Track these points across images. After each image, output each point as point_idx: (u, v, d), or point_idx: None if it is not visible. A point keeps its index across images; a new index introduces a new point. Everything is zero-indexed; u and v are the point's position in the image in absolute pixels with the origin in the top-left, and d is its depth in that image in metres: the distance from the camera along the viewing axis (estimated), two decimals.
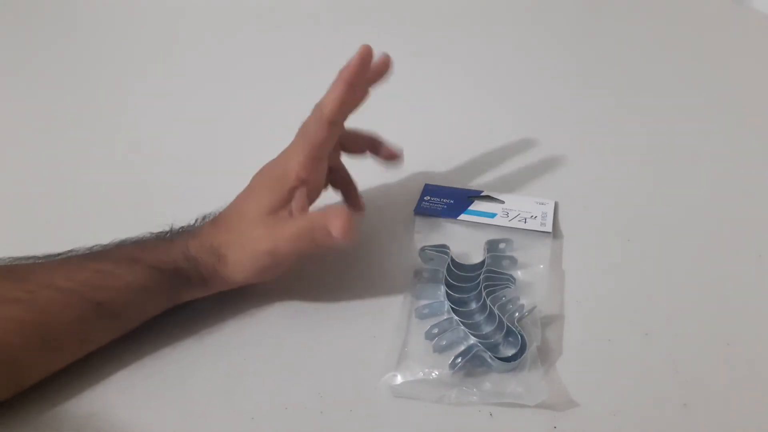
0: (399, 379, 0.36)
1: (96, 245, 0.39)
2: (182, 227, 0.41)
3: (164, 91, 0.69)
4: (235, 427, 0.35)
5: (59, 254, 0.38)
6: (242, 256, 0.38)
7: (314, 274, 0.44)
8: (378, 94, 0.68)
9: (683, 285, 0.43)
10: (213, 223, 0.40)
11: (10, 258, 0.37)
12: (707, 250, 0.46)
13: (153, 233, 0.40)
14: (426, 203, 0.50)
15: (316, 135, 0.40)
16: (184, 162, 0.57)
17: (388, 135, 0.61)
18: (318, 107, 0.40)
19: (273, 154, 0.42)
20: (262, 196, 0.40)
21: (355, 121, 0.66)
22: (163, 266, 0.37)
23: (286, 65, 0.74)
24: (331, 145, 0.41)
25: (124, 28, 0.86)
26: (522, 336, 0.37)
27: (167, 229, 0.41)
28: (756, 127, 0.61)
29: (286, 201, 0.40)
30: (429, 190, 0.52)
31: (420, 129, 0.62)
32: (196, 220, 0.42)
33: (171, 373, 0.37)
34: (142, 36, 0.83)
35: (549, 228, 0.47)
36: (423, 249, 0.44)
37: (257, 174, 0.42)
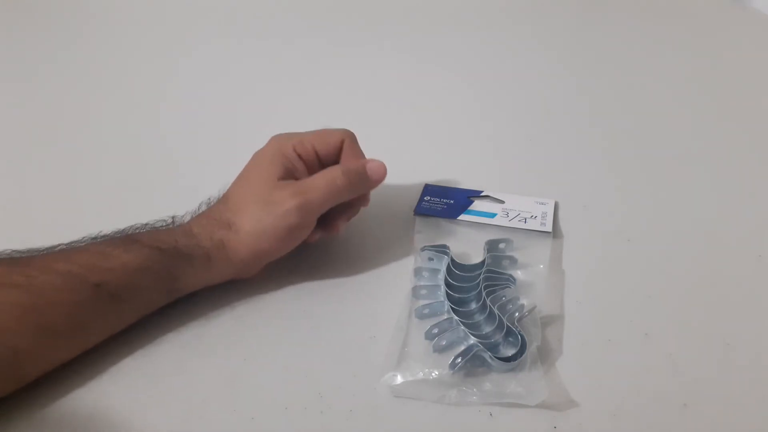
0: (399, 379, 0.36)
1: (97, 234, 0.39)
2: (184, 216, 0.42)
3: (164, 89, 0.69)
4: (235, 427, 0.35)
5: (60, 245, 0.38)
6: (261, 222, 0.39)
7: (314, 273, 0.44)
8: (379, 95, 0.68)
9: (683, 285, 0.43)
10: (218, 201, 0.41)
11: (11, 250, 0.38)
12: (707, 250, 0.46)
13: (156, 220, 0.41)
14: (426, 203, 0.50)
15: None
16: (187, 159, 0.57)
17: (389, 135, 0.61)
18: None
19: None
20: (265, 167, 0.41)
21: (357, 121, 0.66)
22: (162, 245, 0.38)
23: (285, 66, 0.74)
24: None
25: (128, 22, 0.86)
26: (522, 336, 0.37)
27: (169, 218, 0.41)
28: (756, 127, 0.61)
29: (290, 172, 0.41)
30: (429, 190, 0.52)
31: (420, 129, 0.62)
32: (200, 206, 0.42)
33: (171, 373, 0.37)
34: (146, 33, 0.84)
35: (549, 228, 0.47)
36: (423, 249, 0.44)
37: (255, 153, 0.43)
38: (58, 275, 0.35)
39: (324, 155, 0.43)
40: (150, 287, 0.38)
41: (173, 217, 0.41)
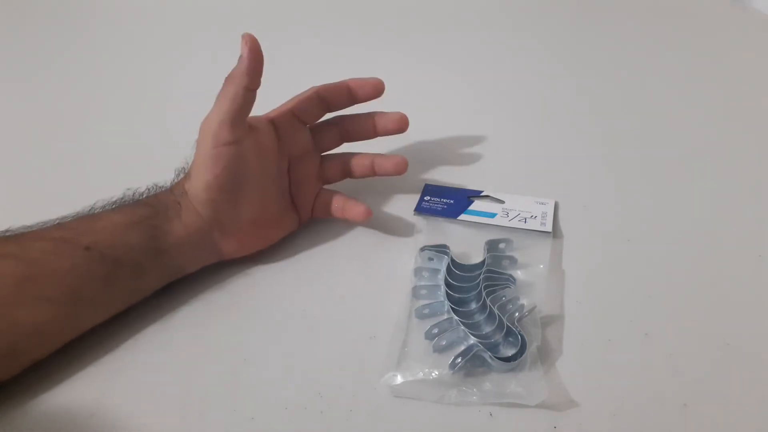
0: (399, 379, 0.36)
1: (94, 203, 0.41)
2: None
3: (165, 90, 0.69)
4: (235, 427, 0.35)
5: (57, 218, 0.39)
6: (199, 156, 0.40)
7: (314, 273, 0.44)
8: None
9: (683, 285, 0.43)
10: None
11: (6, 229, 0.38)
12: (707, 250, 0.46)
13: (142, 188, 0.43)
14: (426, 203, 0.50)
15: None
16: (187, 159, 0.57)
17: (389, 135, 0.61)
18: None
19: None
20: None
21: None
22: (146, 200, 0.40)
23: (285, 65, 0.74)
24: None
25: (129, 22, 0.86)
26: (522, 336, 0.37)
27: (152, 184, 0.43)
28: (756, 127, 0.61)
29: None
30: (429, 190, 0.52)
31: (420, 129, 0.62)
32: (181, 170, 0.44)
33: (171, 373, 0.37)
34: (147, 33, 0.84)
35: (549, 228, 0.47)
36: (423, 249, 0.44)
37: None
38: (50, 241, 0.36)
39: (299, 111, 0.45)
40: (139, 245, 0.38)
41: (155, 184, 0.43)
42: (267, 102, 0.66)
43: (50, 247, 0.36)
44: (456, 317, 0.39)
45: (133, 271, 0.38)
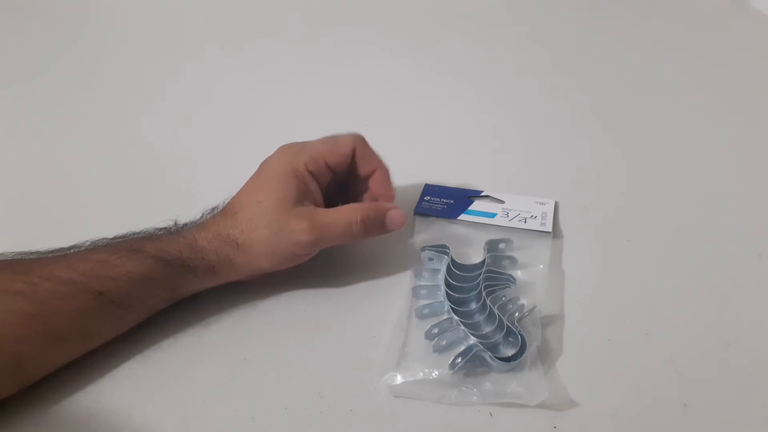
0: (399, 379, 0.36)
1: (99, 239, 0.39)
2: (187, 222, 0.41)
3: (166, 91, 0.69)
4: (235, 427, 0.35)
5: (62, 249, 0.38)
6: (271, 245, 0.38)
7: (314, 274, 0.44)
8: (379, 95, 0.68)
9: (683, 285, 0.43)
10: (224, 213, 0.40)
11: (13, 253, 0.37)
12: (707, 250, 0.46)
13: (157, 228, 0.40)
14: (426, 203, 0.50)
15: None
16: (186, 160, 0.57)
17: (389, 135, 0.61)
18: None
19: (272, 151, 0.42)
20: (278, 187, 0.40)
21: (357, 121, 0.66)
22: (166, 256, 0.37)
23: (285, 66, 0.74)
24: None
25: (127, 26, 0.86)
26: (522, 336, 0.37)
27: (171, 223, 0.41)
28: (756, 127, 0.61)
29: (304, 193, 0.40)
30: (429, 190, 0.52)
31: (420, 129, 0.62)
32: (203, 214, 0.42)
33: (171, 373, 0.37)
34: (146, 36, 0.84)
35: (549, 228, 0.47)
36: (423, 249, 0.44)
37: (263, 165, 0.41)
38: (60, 283, 0.35)
39: (335, 166, 0.42)
40: (152, 295, 0.38)
41: (175, 222, 0.41)
42: (265, 100, 0.67)
43: (61, 289, 0.35)
44: (456, 317, 0.39)
45: (143, 311, 0.39)
